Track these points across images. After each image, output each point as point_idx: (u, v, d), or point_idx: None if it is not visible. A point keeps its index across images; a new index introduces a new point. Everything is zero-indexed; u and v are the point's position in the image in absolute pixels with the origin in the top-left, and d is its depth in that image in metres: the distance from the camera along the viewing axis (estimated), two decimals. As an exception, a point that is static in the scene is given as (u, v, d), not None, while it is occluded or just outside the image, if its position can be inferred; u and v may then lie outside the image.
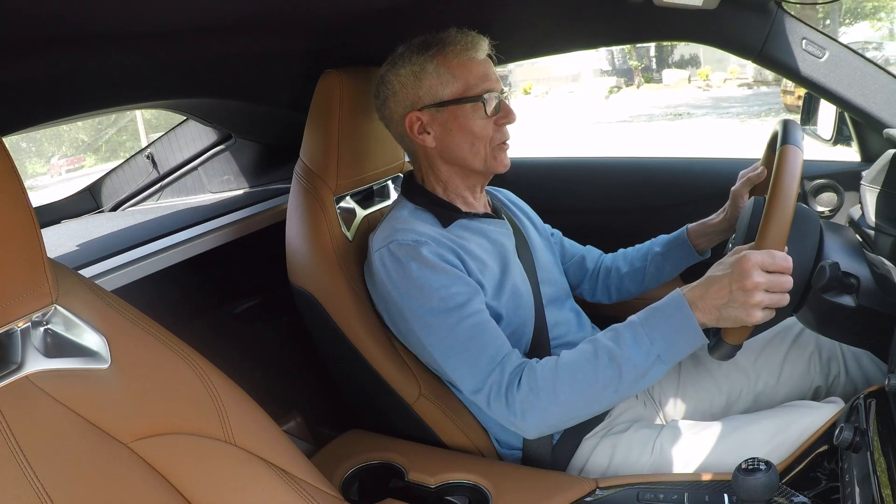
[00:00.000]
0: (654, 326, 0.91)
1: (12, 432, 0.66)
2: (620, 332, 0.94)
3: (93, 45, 1.05)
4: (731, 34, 1.30)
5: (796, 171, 0.92)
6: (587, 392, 0.93)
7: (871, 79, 1.27)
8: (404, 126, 1.15)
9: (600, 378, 0.92)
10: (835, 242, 1.02)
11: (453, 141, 1.13)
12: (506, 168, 1.16)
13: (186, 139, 2.06)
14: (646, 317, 0.93)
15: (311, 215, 1.24)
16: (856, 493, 0.71)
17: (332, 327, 1.20)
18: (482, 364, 0.99)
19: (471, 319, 1.01)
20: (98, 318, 0.75)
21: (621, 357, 0.92)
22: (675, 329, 0.90)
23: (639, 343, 0.91)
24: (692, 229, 1.30)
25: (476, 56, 1.12)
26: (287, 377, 1.75)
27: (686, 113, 14.97)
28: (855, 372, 1.20)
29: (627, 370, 0.91)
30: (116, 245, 1.44)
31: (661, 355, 0.90)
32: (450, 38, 1.12)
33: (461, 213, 1.18)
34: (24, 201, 0.65)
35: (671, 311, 0.91)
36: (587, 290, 1.42)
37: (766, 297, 0.84)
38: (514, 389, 0.96)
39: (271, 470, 0.80)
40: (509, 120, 1.14)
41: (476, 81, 1.11)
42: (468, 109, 1.11)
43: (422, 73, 1.12)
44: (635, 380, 0.92)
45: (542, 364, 0.97)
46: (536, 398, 0.94)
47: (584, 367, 0.94)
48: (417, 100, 1.13)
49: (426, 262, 1.04)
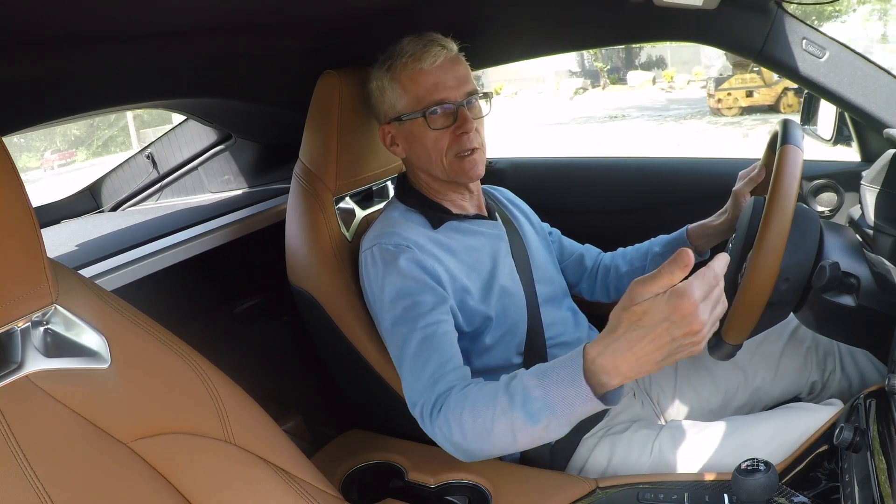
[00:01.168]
0: (547, 386, 0.80)
1: (12, 432, 0.66)
2: (516, 383, 0.85)
3: (93, 46, 1.05)
4: (731, 34, 1.30)
5: (796, 172, 0.92)
6: (489, 438, 0.87)
7: (871, 79, 1.27)
8: (382, 137, 1.19)
9: (497, 430, 0.85)
10: (835, 242, 1.02)
11: (415, 153, 1.15)
12: (472, 178, 1.14)
13: (186, 139, 2.06)
14: (541, 372, 0.83)
15: (310, 215, 1.24)
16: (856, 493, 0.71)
17: (331, 327, 1.20)
18: (421, 381, 0.97)
19: (424, 332, 1.00)
20: (98, 318, 0.75)
21: (511, 414, 0.83)
22: (568, 396, 0.78)
23: (529, 403, 0.82)
24: (692, 230, 1.30)
25: (424, 66, 1.09)
26: (287, 377, 1.75)
27: (621, 115, 15.29)
28: (850, 368, 1.20)
29: (519, 426, 0.83)
30: (116, 245, 1.44)
31: (556, 420, 0.80)
32: (401, 49, 1.11)
33: (451, 214, 1.18)
34: (24, 201, 0.65)
35: (566, 376, 0.79)
36: (586, 289, 1.42)
37: (711, 320, 0.71)
38: (434, 416, 0.93)
39: (271, 470, 0.80)
40: (465, 129, 1.10)
41: (424, 94, 1.09)
42: (420, 123, 1.11)
43: (383, 88, 1.14)
44: (530, 436, 0.84)
45: (455, 396, 0.91)
46: (449, 431, 0.90)
47: (482, 415, 0.86)
48: (384, 113, 1.16)
49: (400, 271, 1.05)
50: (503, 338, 1.13)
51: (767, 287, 0.92)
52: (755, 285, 0.91)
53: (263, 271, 1.61)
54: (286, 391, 1.70)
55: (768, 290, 0.92)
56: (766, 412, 1.09)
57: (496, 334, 1.13)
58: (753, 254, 0.93)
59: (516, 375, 0.87)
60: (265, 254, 1.52)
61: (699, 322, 0.69)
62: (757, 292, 0.92)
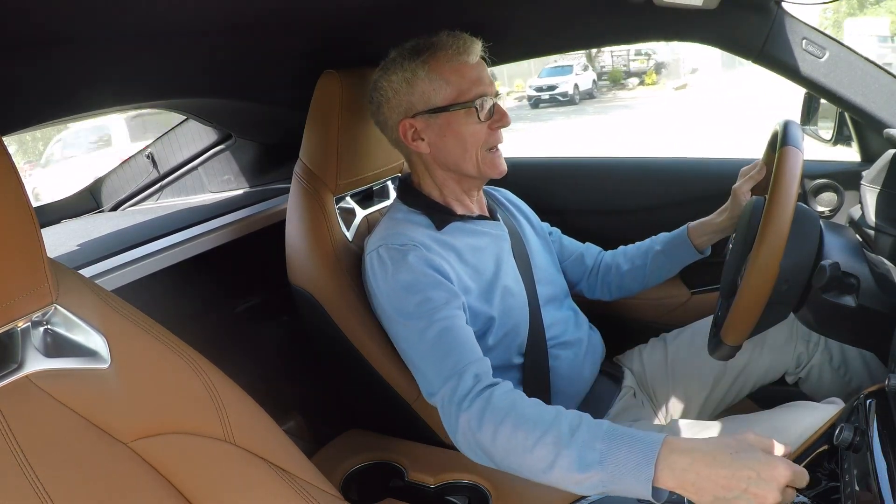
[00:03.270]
0: (614, 445, 0.77)
1: (12, 432, 0.66)
2: (583, 424, 0.82)
3: (93, 46, 1.05)
4: (731, 34, 1.30)
5: (796, 174, 0.92)
6: (520, 457, 0.84)
7: (871, 79, 1.27)
8: (398, 132, 1.15)
9: (536, 453, 0.82)
10: (835, 242, 1.02)
11: (447, 147, 1.13)
12: (501, 173, 1.15)
13: (186, 139, 2.06)
14: (615, 431, 0.80)
15: (310, 215, 1.24)
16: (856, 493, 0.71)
17: (332, 327, 1.20)
18: (443, 369, 0.96)
19: (441, 324, 1.00)
20: (98, 318, 0.75)
21: (563, 446, 0.80)
22: (628, 466, 0.75)
23: (587, 449, 0.79)
24: (693, 227, 1.30)
25: (468, 60, 1.11)
26: (287, 377, 1.75)
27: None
28: (832, 342, 1.24)
29: (562, 464, 0.80)
30: (116, 245, 1.44)
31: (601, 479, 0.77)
32: (441, 42, 1.10)
33: (455, 215, 1.18)
34: (24, 201, 0.65)
35: (638, 448, 0.76)
36: (587, 288, 1.42)
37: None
38: (464, 407, 0.90)
39: (271, 470, 0.80)
40: (503, 123, 1.13)
41: (469, 86, 1.10)
42: (461, 115, 1.10)
43: (414, 80, 1.11)
44: (565, 477, 0.80)
45: (500, 398, 0.89)
46: (478, 427, 0.88)
47: (528, 432, 0.83)
48: (410, 106, 1.12)
49: (410, 267, 1.05)
50: (505, 338, 1.13)
51: (766, 290, 0.92)
52: (754, 288, 0.91)
53: (263, 271, 1.61)
54: (286, 391, 1.70)
55: (767, 293, 0.92)
56: (765, 412, 1.09)
57: (498, 334, 1.13)
58: (752, 256, 0.92)
59: (584, 417, 0.83)
60: (265, 254, 1.51)
61: (774, 496, 0.68)
62: (755, 295, 0.92)
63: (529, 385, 1.14)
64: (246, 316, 1.81)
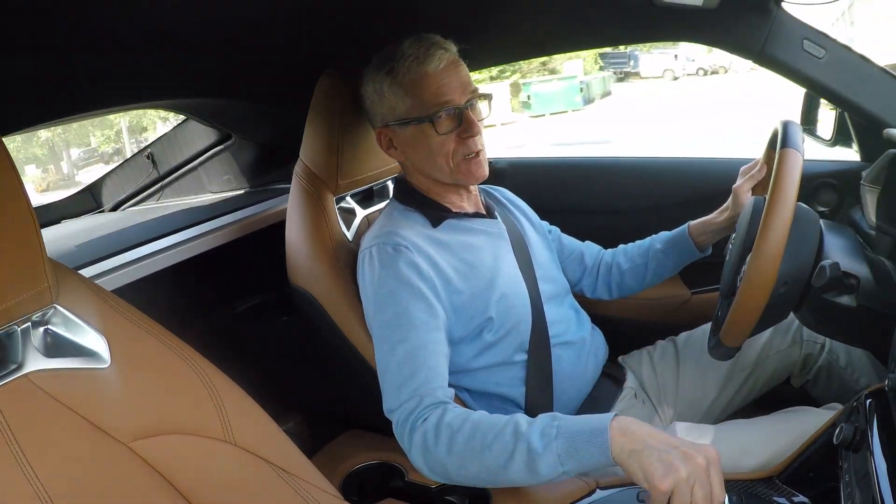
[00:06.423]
0: (570, 421, 0.84)
1: (12, 432, 0.66)
2: (540, 417, 0.87)
3: (94, 46, 1.05)
4: (731, 34, 1.30)
5: (796, 175, 0.92)
6: (479, 457, 0.86)
7: (871, 79, 1.27)
8: (378, 140, 1.18)
9: (495, 448, 0.85)
10: (835, 242, 1.02)
11: (418, 157, 1.14)
12: (479, 180, 1.14)
13: (186, 139, 2.06)
14: (565, 416, 0.86)
15: (311, 215, 1.24)
16: (856, 493, 0.71)
17: (332, 327, 1.20)
18: (406, 388, 0.96)
19: (413, 343, 1.00)
20: (98, 318, 0.75)
21: (521, 435, 0.84)
22: (584, 433, 0.81)
23: (546, 428, 0.84)
24: (693, 226, 1.30)
25: (428, 69, 1.07)
26: (287, 377, 1.75)
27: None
28: (837, 343, 1.23)
29: (521, 448, 0.83)
30: (116, 245, 1.44)
31: (558, 453, 0.81)
32: (401, 52, 1.08)
33: (451, 213, 1.18)
34: (24, 201, 0.65)
35: (592, 419, 0.83)
36: (587, 286, 1.41)
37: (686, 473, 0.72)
38: (419, 423, 0.92)
39: (271, 470, 0.80)
40: (472, 133, 1.09)
41: (429, 98, 1.07)
42: (424, 127, 1.09)
43: (381, 91, 1.11)
44: (526, 462, 0.83)
45: (455, 411, 0.92)
46: (434, 439, 0.90)
47: (486, 431, 0.87)
48: (382, 117, 1.14)
49: (397, 274, 1.05)
50: (506, 336, 1.13)
51: (765, 292, 0.92)
52: (753, 290, 0.91)
53: (263, 271, 1.61)
54: (286, 391, 1.70)
55: (766, 296, 0.92)
56: (764, 417, 1.09)
57: (499, 333, 1.12)
58: (751, 259, 0.92)
59: (540, 415, 0.88)
60: (265, 254, 1.52)
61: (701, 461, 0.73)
62: (754, 297, 0.92)
63: (532, 383, 1.14)
64: (246, 316, 1.81)
